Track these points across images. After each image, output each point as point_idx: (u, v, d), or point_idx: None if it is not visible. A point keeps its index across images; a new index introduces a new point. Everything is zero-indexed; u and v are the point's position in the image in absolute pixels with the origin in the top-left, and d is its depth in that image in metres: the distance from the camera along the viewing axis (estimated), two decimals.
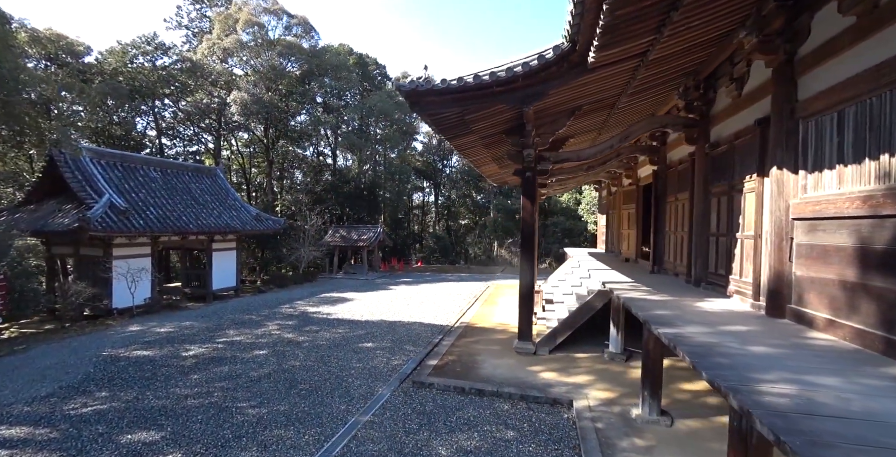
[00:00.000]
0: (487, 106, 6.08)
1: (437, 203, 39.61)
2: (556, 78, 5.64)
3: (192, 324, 10.16)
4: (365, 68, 28.75)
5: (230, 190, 17.03)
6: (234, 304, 13.18)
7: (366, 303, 12.97)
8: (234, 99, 19.64)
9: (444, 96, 5.83)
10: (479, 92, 5.77)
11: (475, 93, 5.79)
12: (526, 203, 7.37)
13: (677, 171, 8.07)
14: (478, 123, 6.71)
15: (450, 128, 6.84)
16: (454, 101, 5.90)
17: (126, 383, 6.13)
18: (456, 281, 18.93)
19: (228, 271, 15.76)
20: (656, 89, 7.23)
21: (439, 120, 6.39)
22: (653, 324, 4.27)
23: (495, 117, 6.69)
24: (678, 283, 7.40)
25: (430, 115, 6.15)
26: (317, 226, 19.41)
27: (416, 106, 6.00)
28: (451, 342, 8.18)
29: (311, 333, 9.08)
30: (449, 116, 6.35)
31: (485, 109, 6.21)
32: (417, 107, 6.00)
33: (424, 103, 5.93)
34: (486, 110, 6.25)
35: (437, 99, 5.89)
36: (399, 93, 5.88)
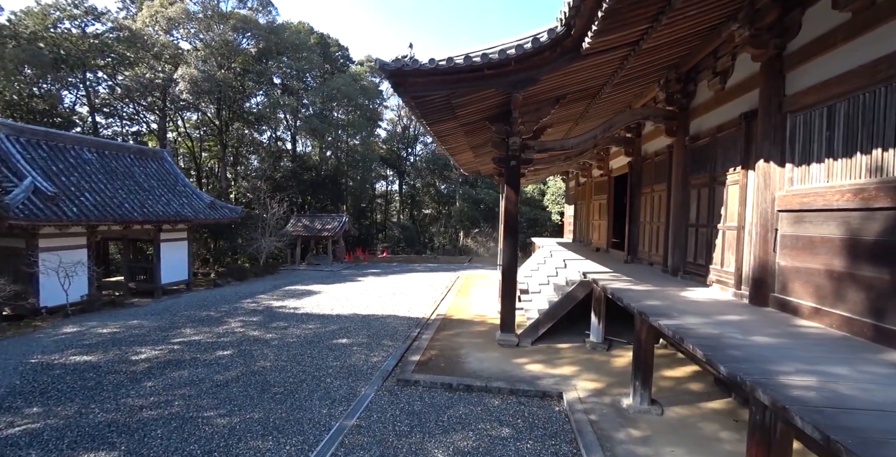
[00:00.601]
0: (476, 90, 5.77)
1: (402, 192, 38.93)
2: (548, 63, 5.43)
3: (141, 323, 9.17)
4: (326, 49, 27.23)
5: (180, 175, 15.53)
6: (188, 299, 12.12)
7: (335, 296, 12.41)
8: (183, 75, 17.74)
9: (432, 78, 5.45)
10: (469, 75, 5.45)
11: (465, 75, 5.46)
12: (510, 192, 7.20)
13: (654, 162, 8.23)
14: (464, 108, 6.39)
15: (433, 112, 6.47)
16: (442, 84, 5.54)
17: (64, 396, 5.33)
18: (425, 271, 18.68)
19: (179, 264, 14.47)
20: (638, 81, 7.25)
21: (423, 103, 6.00)
22: (651, 316, 4.26)
23: (483, 103, 6.40)
24: (655, 272, 7.61)
25: (414, 97, 5.74)
26: (278, 215, 18.27)
27: (399, 87, 5.56)
28: (431, 336, 7.95)
29: (280, 330, 8.49)
30: (434, 100, 5.97)
31: (473, 93, 5.90)
32: (401, 88, 5.57)
33: (409, 84, 5.52)
34: (474, 95, 5.94)
35: (423, 80, 5.49)
36: (382, 72, 5.41)
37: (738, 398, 5.00)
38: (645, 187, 8.73)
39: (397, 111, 38.53)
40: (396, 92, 5.72)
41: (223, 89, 19.27)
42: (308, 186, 23.88)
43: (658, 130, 8.16)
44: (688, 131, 6.82)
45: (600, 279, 6.66)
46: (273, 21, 22.21)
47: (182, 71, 17.91)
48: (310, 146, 32.90)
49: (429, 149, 40.17)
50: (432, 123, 7.06)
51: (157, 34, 19.55)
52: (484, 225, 29.68)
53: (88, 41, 17.26)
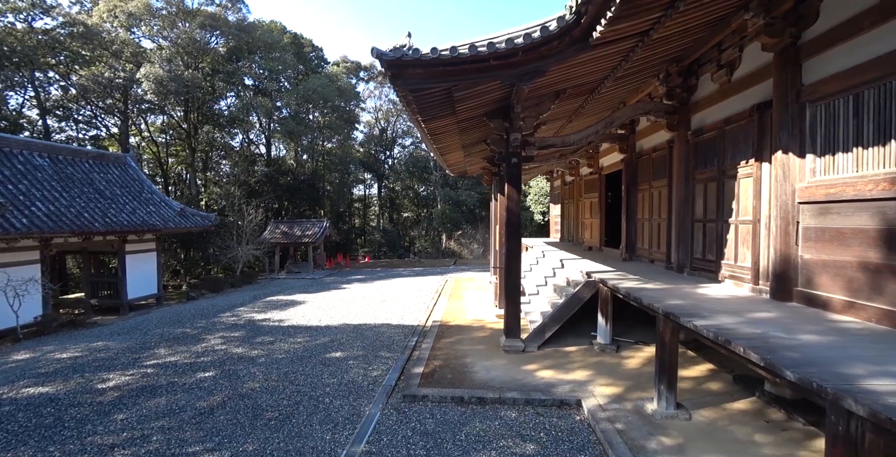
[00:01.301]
0: (480, 82, 5.44)
1: (381, 195, 38.25)
2: (555, 54, 5.16)
3: (107, 344, 8.28)
4: (300, 50, 26.38)
5: (145, 181, 14.45)
6: (160, 315, 11.17)
7: (320, 305, 11.75)
8: (147, 74, 16.53)
9: (433, 69, 5.07)
10: (473, 65, 5.10)
11: (469, 66, 5.11)
12: (511, 191, 6.89)
13: (651, 158, 8.14)
14: (464, 102, 6.04)
15: (430, 107, 6.09)
16: (443, 75, 5.17)
17: (15, 438, 4.57)
18: (411, 276, 18.18)
19: (147, 276, 13.40)
20: (638, 75, 7.13)
21: (422, 97, 5.61)
22: (682, 317, 4.01)
23: (484, 96, 6.08)
24: (658, 270, 7.48)
25: (412, 90, 5.35)
26: (255, 221, 17.34)
27: (397, 79, 5.15)
28: (430, 345, 7.51)
29: (266, 346, 7.83)
30: (433, 93, 5.60)
31: (476, 86, 5.56)
32: (399, 80, 5.16)
33: (408, 76, 5.12)
34: (477, 87, 5.61)
35: (423, 72, 5.11)
36: (380, 62, 4.98)
37: (764, 397, 4.85)
38: (642, 184, 8.64)
39: (374, 114, 37.97)
40: (393, 84, 5.30)
41: (191, 90, 18.16)
42: (285, 191, 22.90)
43: (655, 125, 8.10)
44: (689, 126, 6.73)
45: (608, 279, 6.43)
46: (244, 19, 21.24)
47: (146, 70, 16.71)
48: (285, 150, 31.80)
49: (407, 151, 39.76)
50: (428, 120, 6.67)
51: (115, 31, 18.23)
52: (466, 227, 29.46)
53: (36, 37, 15.81)
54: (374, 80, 35.48)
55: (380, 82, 35.80)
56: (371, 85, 35.50)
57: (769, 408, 4.68)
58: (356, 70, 33.32)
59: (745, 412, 4.65)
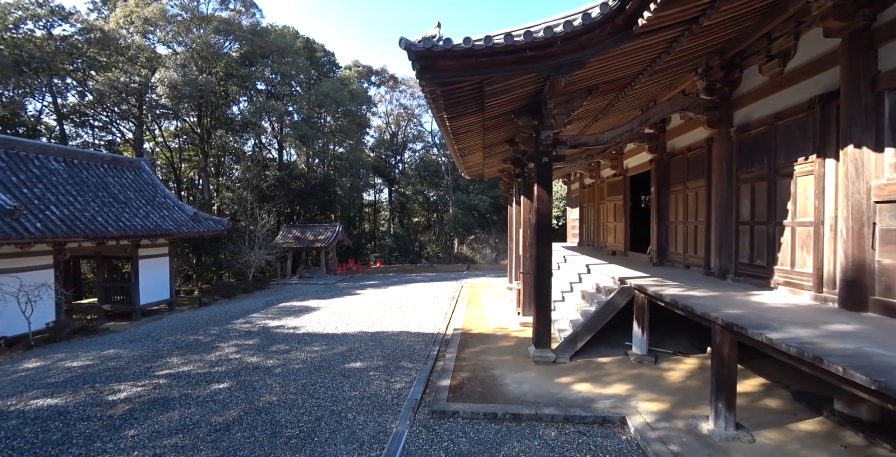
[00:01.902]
0: (514, 75, 5.11)
1: (392, 200, 38.07)
2: (596, 44, 4.82)
3: (118, 352, 8.03)
4: (312, 54, 26.44)
5: (159, 185, 14.37)
6: (172, 321, 10.94)
7: (335, 311, 11.44)
8: (161, 79, 16.57)
9: (465, 60, 4.74)
10: (509, 56, 4.77)
11: (503, 57, 4.77)
12: (541, 192, 6.52)
13: (686, 158, 7.72)
14: (495, 97, 5.71)
15: (458, 104, 5.77)
16: (476, 68, 4.84)
17: (20, 456, 4.29)
18: (425, 281, 17.82)
19: (160, 282, 13.25)
20: (674, 70, 6.74)
21: (450, 92, 5.29)
22: (750, 328, 3.59)
23: (516, 91, 5.74)
24: (695, 275, 7.03)
25: (442, 84, 5.03)
26: (268, 226, 17.18)
27: (426, 72, 4.83)
28: (454, 355, 7.12)
29: (282, 355, 7.51)
30: (463, 88, 5.28)
31: (509, 79, 5.24)
32: (428, 73, 4.83)
33: (439, 68, 4.79)
34: (510, 81, 5.28)
35: (454, 64, 4.78)
36: (408, 53, 4.67)
37: (834, 417, 4.37)
38: (675, 185, 8.21)
39: (385, 118, 37.96)
40: (421, 78, 4.98)
41: (205, 94, 18.18)
42: (296, 196, 22.78)
43: (689, 123, 7.69)
44: (732, 122, 6.32)
45: (646, 285, 6.01)
46: (257, 23, 21.33)
47: (160, 74, 16.75)
48: (296, 155, 31.84)
49: (417, 156, 39.65)
50: (453, 118, 6.34)
51: (131, 36, 18.36)
52: (479, 232, 29.05)
53: (55, 44, 15.94)
54: (385, 85, 35.50)
55: (391, 87, 35.83)
56: (382, 89, 35.54)
57: (843, 430, 4.20)
58: (367, 74, 33.36)
59: (814, 434, 4.18)
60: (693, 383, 5.63)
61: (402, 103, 37.36)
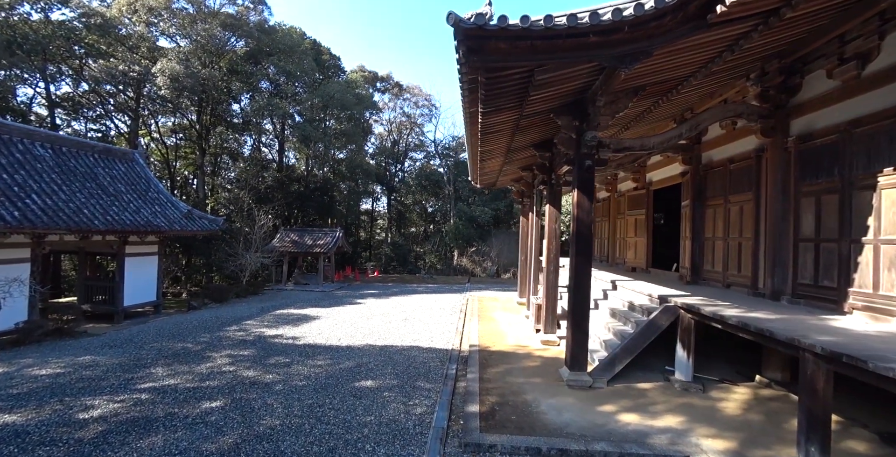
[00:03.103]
0: (571, 63, 4.60)
1: (390, 208, 37.42)
2: (664, 33, 4.33)
3: (95, 359, 7.15)
4: (318, 56, 26.09)
5: (152, 179, 13.57)
6: (158, 325, 10.03)
7: (336, 322, 10.64)
8: (163, 69, 15.88)
9: (520, 42, 4.21)
10: (569, 41, 4.24)
11: (563, 41, 4.25)
12: (582, 199, 5.96)
13: (729, 170, 7.25)
14: (541, 90, 5.17)
15: (500, 95, 5.22)
16: (530, 52, 4.31)
17: None
18: (427, 293, 17.06)
19: (147, 282, 12.34)
20: (725, 74, 6.31)
21: (495, 80, 4.74)
22: (872, 361, 3.00)
23: (565, 84, 5.23)
24: (739, 295, 6.47)
25: (488, 70, 4.48)
26: (266, 228, 16.39)
27: (473, 54, 4.27)
28: (477, 375, 6.41)
29: (282, 369, 6.71)
30: (510, 76, 4.74)
31: (564, 69, 4.71)
32: (476, 55, 4.27)
33: (488, 51, 4.25)
34: (564, 70, 4.75)
35: (506, 46, 4.25)
36: (455, 31, 4.11)
37: None
38: (713, 199, 7.73)
39: (387, 126, 37.64)
40: (467, 61, 4.41)
41: (207, 89, 17.54)
42: (295, 199, 22.01)
43: (730, 134, 7.26)
44: (788, 132, 5.88)
45: (699, 306, 5.42)
46: (265, 21, 20.89)
47: (162, 65, 16.06)
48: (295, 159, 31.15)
49: (417, 165, 39.25)
50: (489, 113, 5.79)
51: (133, 25, 17.73)
52: (480, 243, 28.41)
53: (52, 27, 15.15)
54: (390, 92, 35.28)
55: (395, 94, 35.61)
56: (386, 96, 35.29)
57: None
58: (373, 80, 33.12)
59: None
60: (754, 416, 5.00)
61: (406, 111, 37.16)
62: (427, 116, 37.97)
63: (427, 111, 37.36)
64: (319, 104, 22.53)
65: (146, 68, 16.78)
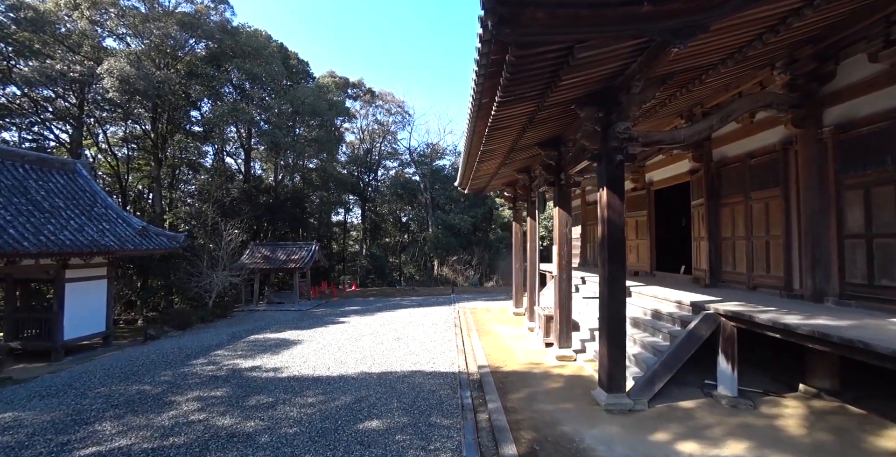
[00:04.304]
0: (618, 38, 3.97)
1: (365, 219, 36.10)
2: (721, 4, 3.78)
3: (18, 417, 5.68)
4: (286, 61, 24.81)
5: (99, 193, 11.92)
6: (107, 363, 8.47)
7: (321, 345, 9.46)
8: (110, 69, 14.12)
9: (562, 11, 3.52)
10: (620, 9, 3.59)
11: (612, 11, 3.59)
12: (612, 199, 5.32)
13: (748, 166, 6.89)
14: (577, 73, 4.51)
15: (526, 79, 4.53)
16: (572, 23, 3.62)
17: None
18: (413, 306, 16.04)
19: (94, 310, 10.66)
20: (750, 62, 5.92)
21: (526, 60, 4.05)
22: None
23: (602, 67, 4.61)
24: (771, 297, 6.01)
25: (521, 45, 3.78)
26: (234, 243, 14.87)
27: (506, 25, 3.53)
28: (499, 404, 5.54)
29: (265, 412, 5.56)
30: (545, 54, 4.06)
31: (608, 45, 4.06)
32: (508, 27, 3.54)
33: (525, 21, 3.53)
34: (607, 48, 4.11)
35: (545, 16, 3.54)
36: None
37: None
38: (729, 197, 7.35)
39: (359, 134, 36.53)
40: (496, 35, 3.66)
41: (162, 93, 15.89)
42: (264, 211, 20.43)
43: (747, 128, 6.93)
44: (821, 122, 5.53)
45: (751, 313, 4.86)
46: (227, 21, 19.44)
47: (109, 64, 14.30)
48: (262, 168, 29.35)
49: (390, 174, 38.25)
50: (506, 103, 5.08)
51: (75, 21, 15.85)
52: (461, 252, 27.65)
53: None
54: (362, 99, 34.31)
55: (367, 101, 34.66)
56: (357, 104, 34.25)
57: None
58: (344, 86, 32.05)
59: None
60: (823, 436, 4.42)
61: (378, 119, 36.27)
62: (400, 124, 37.24)
63: (400, 118, 36.64)
64: (289, 110, 21.22)
65: (90, 69, 14.92)
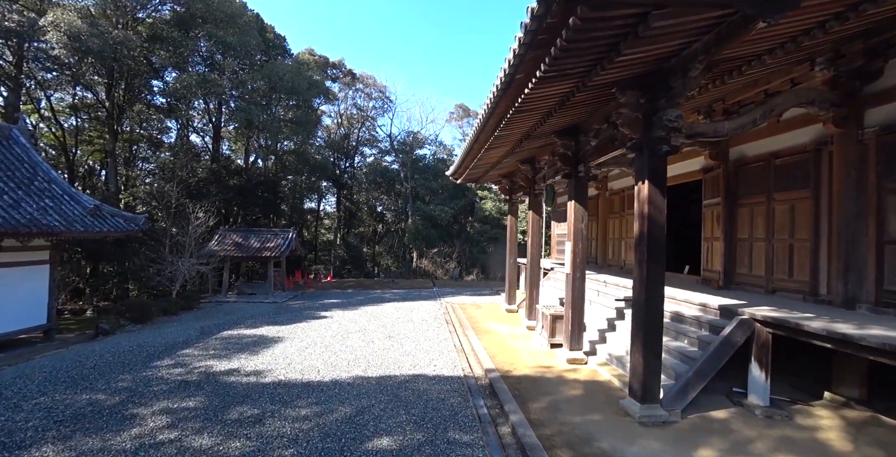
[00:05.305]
0: (701, 7, 3.42)
1: (340, 207, 34.69)
2: None
3: None
4: (262, 34, 22.95)
5: (41, 164, 10.35)
6: (49, 363, 7.25)
7: (305, 344, 8.61)
8: (56, 22, 12.12)
9: None
10: None
11: None
12: (654, 194, 4.88)
13: (772, 166, 6.66)
14: (643, 46, 3.94)
15: (580, 51, 3.97)
16: None
17: None
18: (397, 300, 15.32)
19: (32, 300, 9.27)
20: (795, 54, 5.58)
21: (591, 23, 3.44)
22: None
23: (668, 42, 4.05)
24: (793, 302, 5.82)
25: (597, 5, 3.18)
26: (203, 228, 13.50)
27: None
28: (521, 416, 5.01)
29: (251, 428, 4.75)
30: (614, 20, 3.48)
31: (686, 16, 3.50)
32: None
33: None
34: (683, 18, 3.55)
35: None
36: None
37: None
38: (749, 197, 7.13)
39: (336, 118, 34.87)
40: None
41: (120, 56, 13.99)
42: (235, 194, 18.87)
43: (771, 126, 6.63)
44: (861, 123, 5.30)
45: (798, 321, 4.57)
46: None
47: (55, 16, 12.30)
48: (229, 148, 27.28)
49: (368, 161, 36.88)
50: (545, 80, 4.50)
51: None
52: (441, 245, 27.05)
53: None
54: (341, 81, 32.65)
55: (346, 83, 33.03)
56: (336, 86, 32.53)
57: None
58: (324, 66, 30.29)
59: None
60: (872, 451, 4.19)
61: (358, 104, 34.72)
62: (381, 110, 35.87)
63: (381, 104, 35.27)
64: (264, 87, 19.60)
65: (31, 21, 12.81)
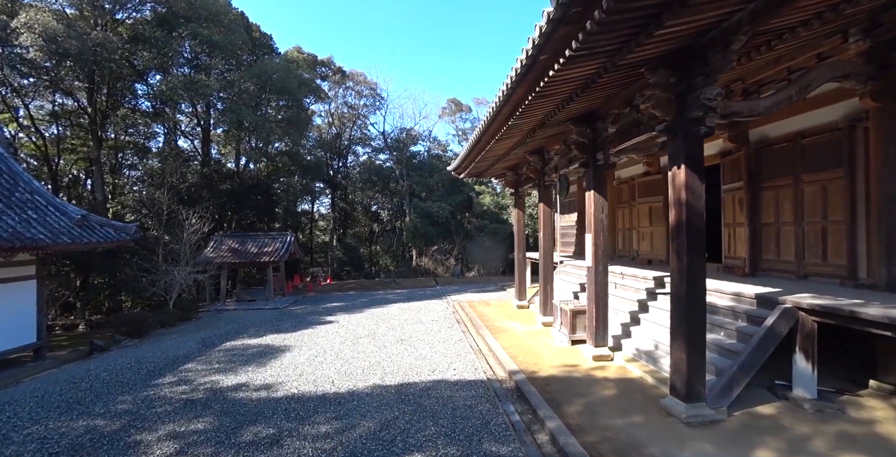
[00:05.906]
0: None
1: (335, 207, 34.14)
2: None
3: None
4: (248, 33, 22.27)
5: (21, 175, 9.78)
6: (41, 387, 6.76)
7: (315, 352, 8.20)
8: (30, 22, 11.45)
9: None
10: None
11: None
12: (691, 179, 4.53)
13: (799, 146, 6.36)
14: (687, 17, 3.57)
15: (623, 22, 3.64)
16: None
17: None
18: (402, 301, 14.94)
19: (18, 318, 8.76)
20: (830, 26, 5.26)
21: None
22: None
23: (711, 12, 3.69)
24: (829, 287, 5.56)
25: None
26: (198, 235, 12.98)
27: None
28: (558, 422, 4.68)
29: (269, 451, 4.35)
30: None
31: None
32: None
33: None
34: None
35: None
36: None
37: None
38: (774, 179, 6.84)
39: (327, 118, 34.22)
40: None
41: (100, 58, 13.33)
42: (228, 199, 18.30)
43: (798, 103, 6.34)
44: None
45: (855, 309, 4.28)
46: None
47: (28, 16, 11.61)
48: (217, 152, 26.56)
49: (361, 160, 36.34)
50: (574, 59, 4.13)
51: None
52: (441, 242, 26.67)
53: None
54: (331, 79, 32.00)
55: (336, 82, 32.40)
56: (326, 84, 31.86)
57: None
58: (312, 64, 29.62)
59: None
60: None
61: (349, 102, 34.12)
62: (372, 108, 35.32)
63: (372, 101, 34.73)
64: (252, 89, 18.99)
65: (3, 23, 12.08)
